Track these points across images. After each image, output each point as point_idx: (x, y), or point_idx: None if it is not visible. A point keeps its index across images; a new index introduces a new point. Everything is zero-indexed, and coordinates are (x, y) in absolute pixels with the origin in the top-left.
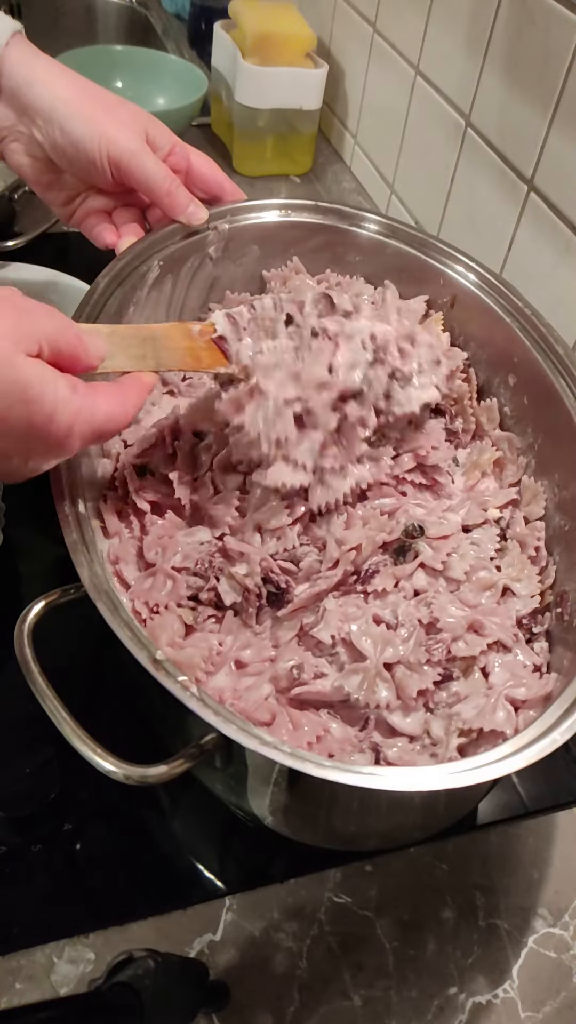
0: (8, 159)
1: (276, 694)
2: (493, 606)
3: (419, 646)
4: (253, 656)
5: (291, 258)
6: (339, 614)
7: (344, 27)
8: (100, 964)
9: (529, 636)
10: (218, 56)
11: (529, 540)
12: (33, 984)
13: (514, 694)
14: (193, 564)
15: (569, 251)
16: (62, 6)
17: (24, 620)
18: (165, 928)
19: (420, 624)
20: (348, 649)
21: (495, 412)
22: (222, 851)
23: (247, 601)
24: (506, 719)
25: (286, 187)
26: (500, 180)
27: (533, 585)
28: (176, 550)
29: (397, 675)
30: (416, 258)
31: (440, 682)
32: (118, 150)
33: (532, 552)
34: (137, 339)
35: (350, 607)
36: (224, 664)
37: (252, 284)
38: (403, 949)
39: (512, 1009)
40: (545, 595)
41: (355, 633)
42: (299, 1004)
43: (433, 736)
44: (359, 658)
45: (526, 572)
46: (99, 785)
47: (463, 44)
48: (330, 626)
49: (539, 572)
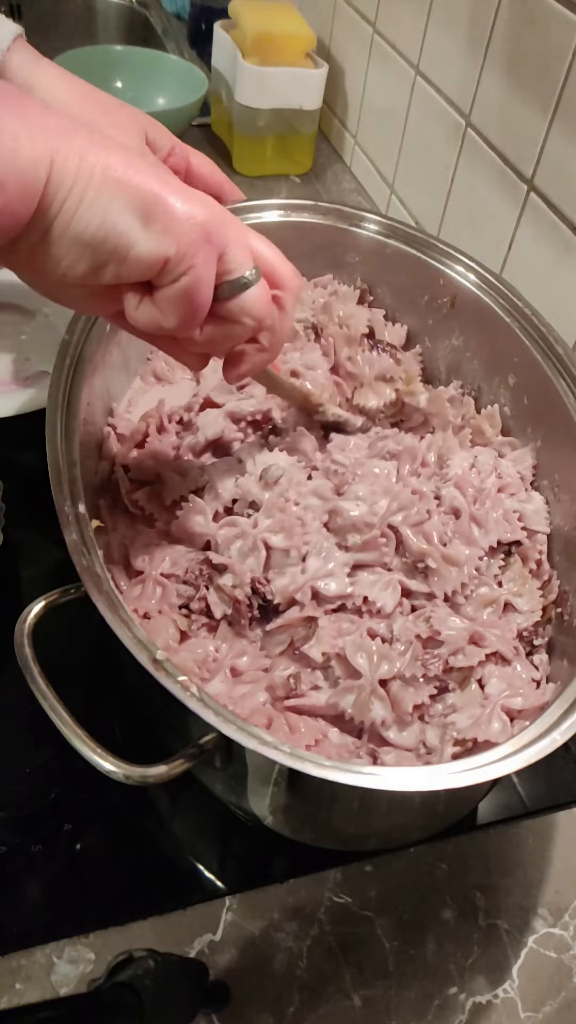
0: None
1: (272, 702)
2: (494, 620)
3: (415, 660)
4: (248, 664)
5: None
6: (332, 630)
7: (344, 27)
8: (100, 964)
9: (529, 649)
10: (218, 56)
11: (531, 553)
12: (33, 984)
13: (510, 704)
14: (182, 572)
15: (569, 251)
16: (62, 6)
17: (24, 620)
18: (165, 928)
19: (419, 639)
20: (342, 664)
21: (497, 419)
22: (222, 851)
23: (238, 612)
24: (501, 730)
25: (286, 187)
26: (500, 180)
27: (535, 599)
28: (164, 557)
29: (392, 689)
30: (416, 258)
31: (436, 695)
32: None
33: (533, 566)
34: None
35: (344, 622)
36: (219, 671)
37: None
38: (403, 949)
39: (512, 1009)
40: (548, 609)
41: (349, 649)
42: (299, 1004)
43: (428, 745)
44: (353, 675)
45: (527, 587)
46: (99, 785)
47: (463, 44)
48: (322, 643)
49: (541, 586)
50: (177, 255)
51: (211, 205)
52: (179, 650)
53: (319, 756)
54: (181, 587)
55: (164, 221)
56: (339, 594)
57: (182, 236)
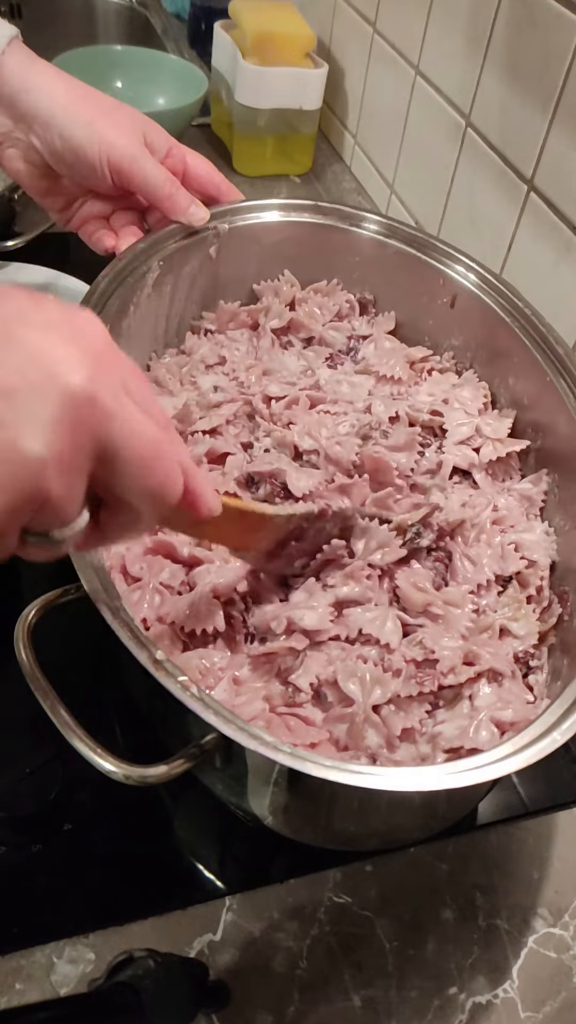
0: (5, 165)
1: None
2: (488, 641)
3: (410, 679)
4: (247, 676)
5: (287, 265)
6: (320, 660)
7: (344, 27)
8: (100, 964)
9: (526, 671)
10: (218, 56)
11: (531, 580)
12: (33, 984)
13: (500, 716)
14: (177, 584)
15: (569, 251)
16: (62, 6)
17: (24, 620)
18: (165, 928)
19: (415, 663)
20: (334, 691)
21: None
22: (222, 851)
23: (232, 628)
24: (488, 739)
25: (286, 187)
26: (500, 180)
27: (531, 624)
28: (163, 566)
29: (383, 714)
30: (416, 258)
31: (429, 711)
32: (117, 155)
33: (532, 592)
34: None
35: (334, 649)
36: (223, 679)
37: (253, 283)
38: (403, 949)
39: (512, 1009)
40: (548, 635)
41: (341, 676)
42: (299, 1004)
43: (421, 752)
44: (346, 701)
45: (523, 612)
46: (99, 785)
47: (463, 44)
48: (309, 672)
49: (541, 613)
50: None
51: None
52: (180, 656)
53: (319, 756)
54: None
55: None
56: (318, 628)
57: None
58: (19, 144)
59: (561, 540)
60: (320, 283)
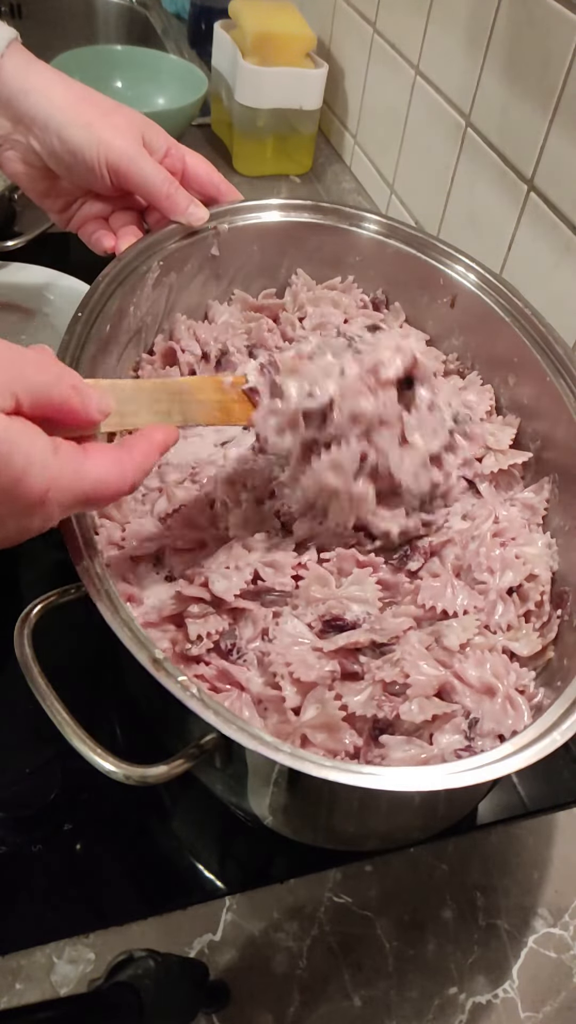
0: (4, 167)
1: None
2: (484, 658)
3: (371, 699)
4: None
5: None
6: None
7: (344, 27)
8: (100, 964)
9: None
10: (218, 56)
11: (531, 595)
12: (33, 984)
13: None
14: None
15: (569, 251)
16: (62, 6)
17: (24, 620)
18: (165, 928)
19: (382, 683)
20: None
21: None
22: (222, 851)
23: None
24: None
25: (286, 187)
26: (500, 180)
27: (533, 642)
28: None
29: (318, 740)
30: (416, 258)
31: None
32: (116, 155)
33: (532, 606)
34: (164, 393)
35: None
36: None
37: (253, 283)
38: (403, 949)
39: (512, 1009)
40: (547, 649)
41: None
42: (299, 1004)
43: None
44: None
45: (523, 632)
46: (99, 785)
47: (463, 44)
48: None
49: (540, 627)
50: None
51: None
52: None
53: (319, 756)
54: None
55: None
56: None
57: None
58: (18, 146)
59: (561, 541)
60: (335, 280)
